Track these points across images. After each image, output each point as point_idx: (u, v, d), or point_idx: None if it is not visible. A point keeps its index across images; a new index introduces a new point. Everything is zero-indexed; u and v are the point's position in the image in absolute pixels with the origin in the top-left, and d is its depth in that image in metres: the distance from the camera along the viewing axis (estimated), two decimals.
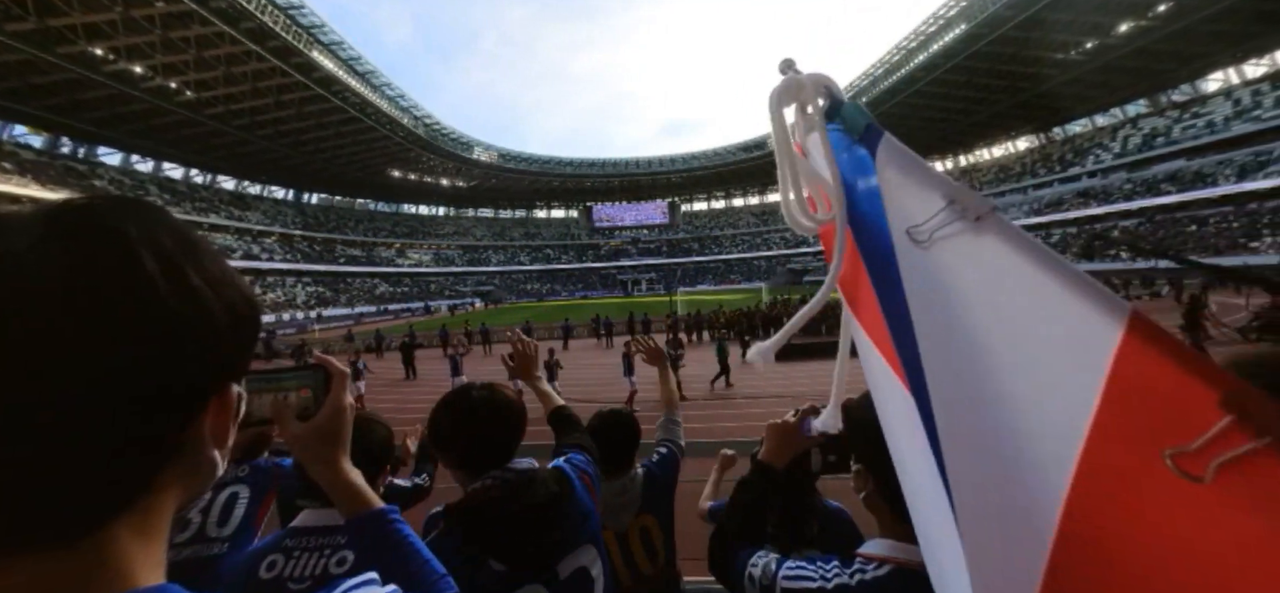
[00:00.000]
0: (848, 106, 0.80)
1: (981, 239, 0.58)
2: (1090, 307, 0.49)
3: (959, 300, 0.61)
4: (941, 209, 0.62)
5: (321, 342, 27.73)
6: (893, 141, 0.73)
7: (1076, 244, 46.33)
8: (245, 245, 54.02)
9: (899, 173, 0.70)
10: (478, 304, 63.63)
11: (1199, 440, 0.42)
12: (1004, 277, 0.56)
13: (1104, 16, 39.02)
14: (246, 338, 0.45)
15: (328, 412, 0.75)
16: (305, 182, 67.74)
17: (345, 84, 46.03)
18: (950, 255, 0.62)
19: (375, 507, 0.80)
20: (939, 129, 63.31)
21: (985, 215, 0.59)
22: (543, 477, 1.30)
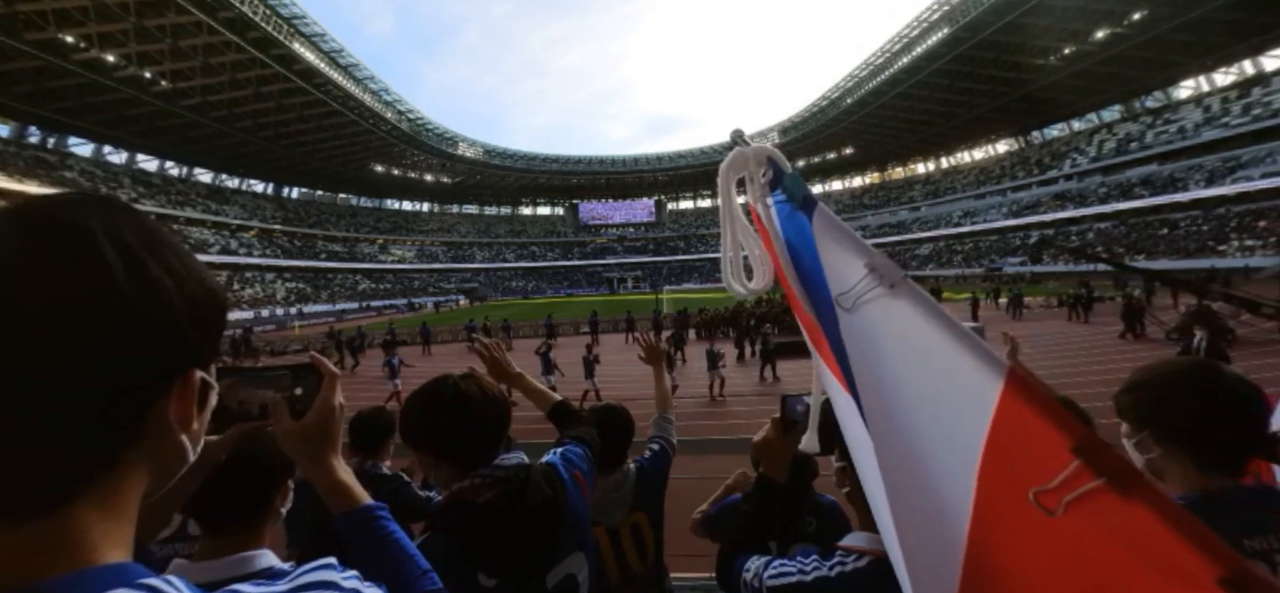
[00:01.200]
0: (788, 178, 0.89)
1: (895, 303, 0.69)
2: (978, 364, 0.59)
3: (878, 358, 0.72)
4: (864, 276, 0.72)
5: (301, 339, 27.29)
6: (825, 211, 0.83)
7: (1053, 245, 47.41)
8: (223, 240, 52.91)
9: (831, 240, 0.80)
10: (462, 301, 63.10)
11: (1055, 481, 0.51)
12: (912, 337, 0.66)
13: (1081, 23, 39.91)
14: (210, 329, 0.46)
15: (317, 411, 0.77)
16: (286, 176, 66.53)
17: (327, 77, 45.26)
18: (872, 317, 0.72)
19: (362, 503, 0.82)
20: (922, 131, 64.23)
21: (898, 283, 0.69)
22: (537, 476, 1.26)
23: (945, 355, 0.63)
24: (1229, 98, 42.87)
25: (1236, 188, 37.44)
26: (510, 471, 1.22)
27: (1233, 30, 38.05)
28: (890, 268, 0.72)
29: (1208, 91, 45.55)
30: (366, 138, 58.24)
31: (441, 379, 1.27)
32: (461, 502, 1.18)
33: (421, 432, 1.21)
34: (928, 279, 49.38)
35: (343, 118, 51.99)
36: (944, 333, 0.64)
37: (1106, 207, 45.87)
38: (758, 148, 0.92)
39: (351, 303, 56.86)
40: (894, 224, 70.75)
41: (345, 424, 0.89)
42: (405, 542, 0.84)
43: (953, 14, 42.63)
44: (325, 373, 0.78)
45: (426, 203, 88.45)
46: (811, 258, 0.84)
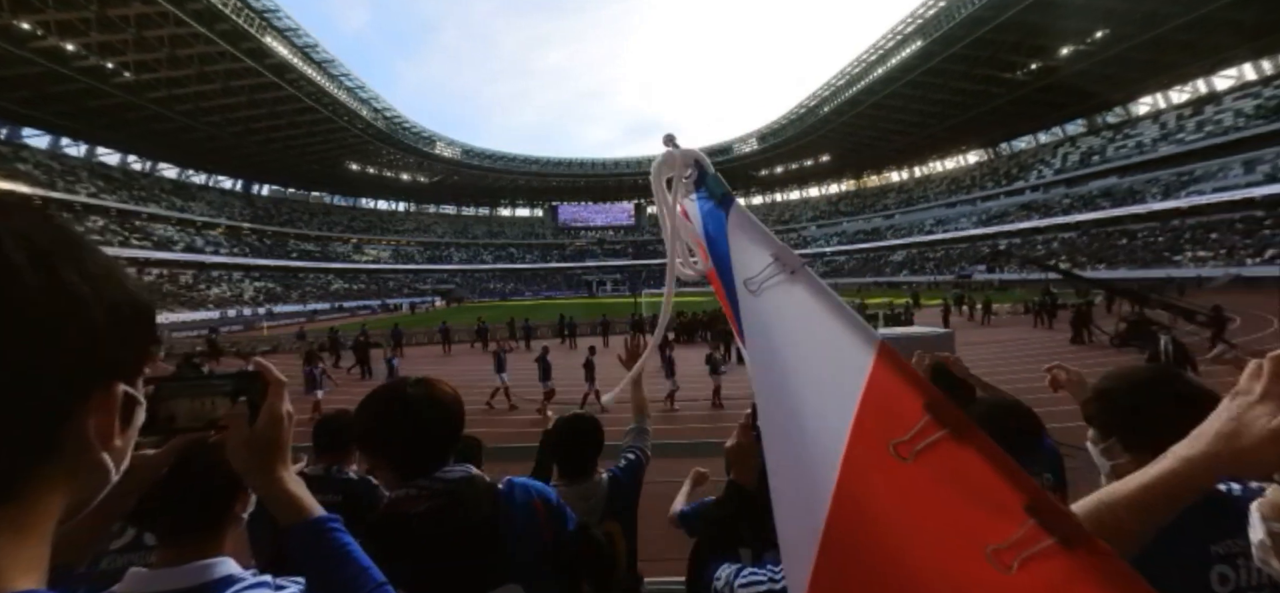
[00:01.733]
0: (709, 177, 0.98)
1: (794, 288, 0.79)
2: (856, 337, 0.70)
3: (776, 334, 0.81)
4: (769, 263, 0.83)
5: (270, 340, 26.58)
6: (740, 208, 0.92)
7: (1019, 254, 48.89)
8: (188, 237, 51.24)
9: (743, 233, 0.90)
10: (438, 303, 62.16)
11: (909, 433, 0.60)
12: (807, 316, 0.76)
13: (1047, 40, 41.32)
14: (133, 338, 0.44)
15: (265, 420, 0.74)
16: (255, 172, 64.74)
17: (300, 72, 44.22)
18: (774, 300, 0.82)
19: (314, 515, 0.78)
20: (896, 140, 65.63)
21: (798, 270, 0.80)
22: (477, 492, 1.20)
23: (830, 330, 0.73)
24: (1184, 115, 44.84)
25: (1190, 201, 39.16)
26: (451, 483, 1.17)
27: (1188, 51, 39.83)
28: (790, 257, 0.81)
29: (1164, 108, 47.58)
30: (341, 135, 57.05)
31: (396, 383, 1.26)
32: (396, 512, 1.15)
33: (367, 436, 1.21)
34: (901, 285, 50.44)
35: (316, 114, 50.82)
36: (829, 311, 0.74)
37: (1070, 217, 47.52)
38: (685, 150, 0.99)
39: (324, 303, 55.53)
40: (869, 231, 72.07)
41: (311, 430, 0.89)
42: (359, 554, 0.82)
43: (926, 27, 43.72)
44: (271, 380, 0.75)
45: (403, 202, 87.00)
46: (725, 249, 0.92)
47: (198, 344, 25.60)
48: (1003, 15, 38.13)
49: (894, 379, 0.65)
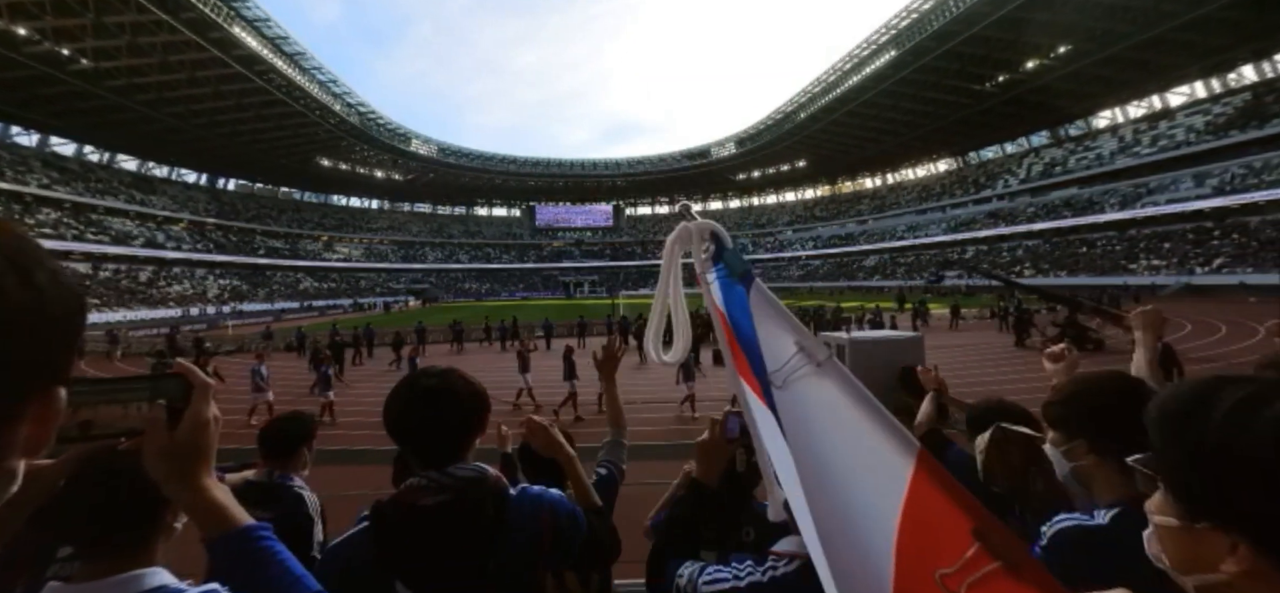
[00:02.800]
0: (728, 253, 0.95)
1: (824, 382, 0.77)
2: (893, 443, 0.68)
3: (812, 430, 0.79)
4: (794, 354, 0.81)
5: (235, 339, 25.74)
6: (760, 286, 0.91)
7: (986, 260, 50.38)
8: (148, 232, 49.37)
9: (766, 316, 0.88)
10: (413, 302, 61.09)
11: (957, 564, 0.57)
12: (840, 415, 0.74)
13: (1013, 54, 42.74)
14: (73, 340, 0.42)
15: (189, 426, 0.69)
16: (221, 166, 62.68)
17: (270, 64, 43.01)
18: (803, 393, 0.80)
19: (241, 524, 0.74)
20: (869, 148, 66.99)
21: (824, 362, 0.78)
22: (483, 494, 1.16)
23: (865, 433, 0.71)
24: (1140, 129, 46.87)
25: (1145, 212, 40.93)
26: (460, 480, 1.15)
27: (1144, 68, 41.66)
28: (816, 347, 0.80)
29: (1122, 123, 49.66)
30: (312, 130, 55.66)
31: (413, 374, 1.27)
32: (406, 501, 1.14)
33: (390, 426, 1.21)
34: (874, 289, 51.47)
35: (287, 108, 49.49)
36: (863, 412, 0.72)
37: (1034, 225, 49.19)
38: (701, 223, 0.96)
39: (292, 302, 54.06)
40: (843, 236, 73.39)
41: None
42: (292, 564, 0.77)
43: (899, 38, 44.78)
44: (196, 383, 0.70)
45: (376, 200, 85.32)
46: (750, 330, 0.90)
47: (157, 343, 24.66)
48: (971, 28, 39.31)
49: (937, 495, 0.63)
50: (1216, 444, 0.48)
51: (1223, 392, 0.50)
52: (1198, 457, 0.50)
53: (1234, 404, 0.48)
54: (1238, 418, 0.48)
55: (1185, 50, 38.88)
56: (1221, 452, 0.48)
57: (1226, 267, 32.70)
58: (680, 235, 0.97)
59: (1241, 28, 35.39)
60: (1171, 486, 0.54)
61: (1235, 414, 0.48)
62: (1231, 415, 0.48)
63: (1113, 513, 1.13)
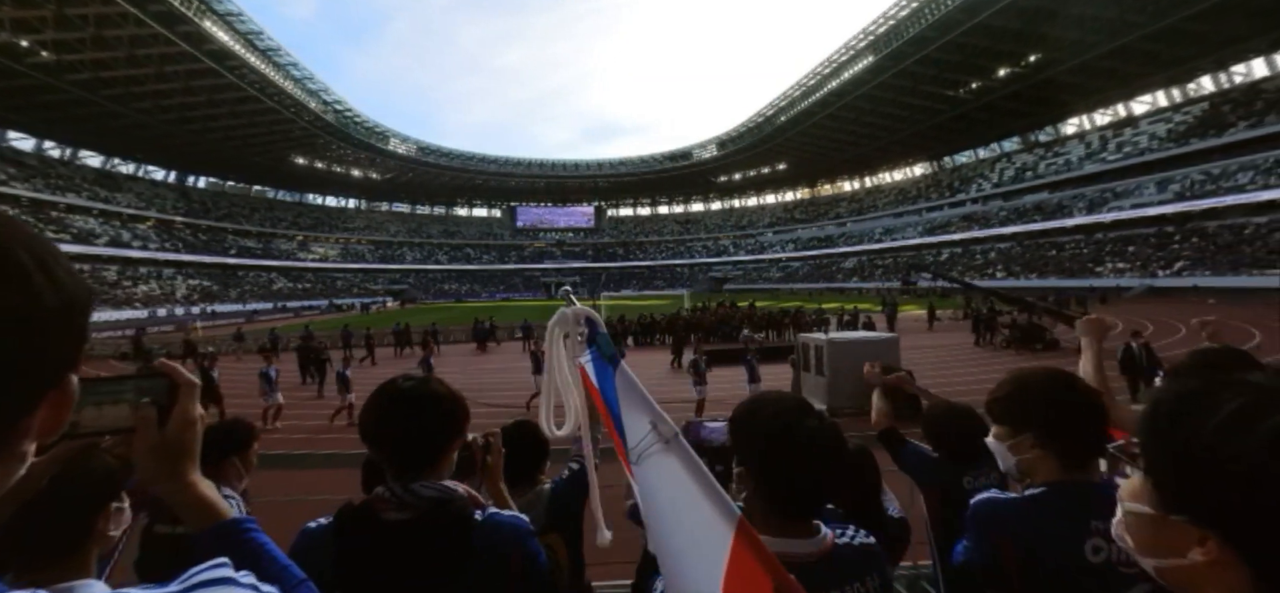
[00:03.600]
0: (600, 337, 1.05)
1: (669, 459, 0.89)
2: (718, 513, 0.81)
3: (658, 503, 0.92)
4: (648, 432, 0.92)
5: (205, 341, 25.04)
6: (624, 369, 1.00)
7: (960, 263, 51.54)
8: (113, 231, 47.75)
9: (626, 396, 0.98)
10: (391, 303, 60.17)
11: None
12: (679, 488, 0.87)
13: (986, 61, 43.83)
14: (84, 330, 0.44)
15: (176, 424, 0.71)
16: (191, 163, 60.95)
17: (242, 60, 41.99)
18: (653, 468, 0.92)
19: (229, 518, 0.77)
20: (848, 151, 68.02)
21: (671, 440, 0.90)
22: (450, 516, 1.13)
23: (698, 505, 0.83)
24: (1106, 136, 48.44)
25: (1110, 216, 42.29)
26: (423, 500, 1.12)
27: (1110, 77, 43.07)
28: (666, 426, 0.91)
29: (1089, 129, 51.26)
30: (287, 127, 54.49)
31: (391, 381, 1.24)
32: (369, 514, 1.12)
33: (364, 432, 1.19)
34: (850, 291, 52.24)
35: (260, 105, 48.36)
36: (698, 487, 0.83)
37: (1006, 229, 50.47)
38: (578, 308, 1.08)
39: (265, 303, 52.82)
40: (822, 238, 74.38)
41: None
42: (278, 553, 0.80)
43: (876, 44, 45.58)
44: (180, 381, 0.72)
45: (353, 199, 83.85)
46: (615, 408, 0.99)
47: (122, 346, 23.91)
48: (946, 35, 40.20)
49: (750, 561, 0.75)
50: (1207, 446, 0.50)
51: (1221, 396, 0.51)
52: (1187, 456, 0.52)
53: (1232, 411, 0.49)
54: (1233, 425, 0.49)
55: (1149, 60, 40.30)
56: (1211, 454, 0.49)
57: (1186, 270, 33.95)
58: (560, 319, 1.07)
59: (1202, 39, 36.81)
60: (1154, 477, 0.57)
61: (1231, 421, 0.49)
62: (1228, 422, 0.49)
63: (1036, 492, 1.24)
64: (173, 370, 0.72)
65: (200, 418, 0.74)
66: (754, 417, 1.13)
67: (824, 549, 1.06)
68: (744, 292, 57.95)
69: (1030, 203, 50.92)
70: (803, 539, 1.05)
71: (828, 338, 11.02)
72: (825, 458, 1.06)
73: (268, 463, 7.82)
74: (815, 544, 1.06)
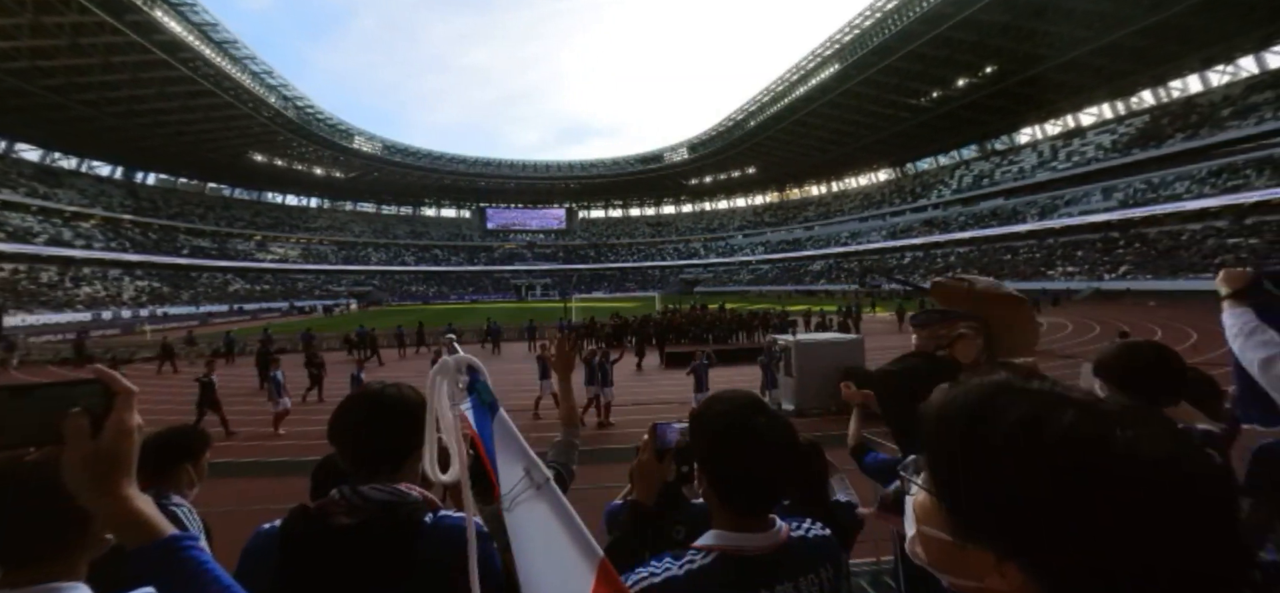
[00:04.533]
0: (480, 384, 1.07)
1: (539, 503, 0.94)
2: (584, 552, 0.88)
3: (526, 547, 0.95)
4: (521, 478, 0.96)
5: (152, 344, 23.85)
6: (503, 416, 1.03)
7: (922, 266, 53.21)
8: (53, 229, 45.10)
9: (502, 443, 1.02)
10: (353, 306, 58.50)
11: None
12: (546, 532, 0.92)
13: (945, 71, 45.45)
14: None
15: (112, 433, 0.67)
16: (140, 159, 58.04)
17: (196, 52, 40.28)
18: (526, 512, 0.96)
19: (165, 534, 0.71)
20: (816, 156, 69.50)
21: (543, 485, 0.94)
22: (398, 519, 1.12)
23: (567, 542, 0.89)
24: (1058, 145, 50.78)
25: (1061, 222, 44.34)
26: (373, 503, 1.10)
27: (1060, 89, 45.20)
28: (538, 472, 0.94)
29: (1041, 139, 53.66)
30: (244, 123, 52.49)
31: (365, 386, 1.26)
32: (318, 517, 1.10)
33: (334, 432, 1.19)
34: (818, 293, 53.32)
35: (215, 99, 46.44)
36: (564, 530, 0.90)
37: (965, 233, 52.37)
38: (460, 357, 1.08)
39: (220, 305, 50.70)
40: (791, 241, 75.72)
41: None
42: (221, 574, 0.74)
43: (842, 52, 46.76)
44: (118, 389, 0.68)
45: (315, 198, 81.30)
46: (492, 456, 1.03)
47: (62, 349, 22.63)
48: (908, 46, 41.54)
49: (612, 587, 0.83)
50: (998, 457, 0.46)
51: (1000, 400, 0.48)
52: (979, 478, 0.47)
53: (1020, 416, 0.46)
54: (1024, 433, 0.45)
55: (1095, 74, 42.47)
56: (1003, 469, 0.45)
57: (1130, 273, 35.87)
58: (442, 368, 1.06)
59: (1144, 55, 39.01)
60: (947, 501, 0.51)
61: (1021, 428, 0.45)
62: (1016, 429, 0.45)
63: None
64: (109, 377, 0.69)
65: (138, 427, 0.70)
66: (706, 415, 1.16)
67: (778, 543, 1.09)
68: (715, 294, 58.50)
69: (987, 209, 52.95)
70: (757, 533, 1.08)
71: (795, 340, 11.23)
72: (776, 453, 1.09)
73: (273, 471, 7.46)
74: (769, 538, 1.09)
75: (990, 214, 51.93)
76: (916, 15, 38.94)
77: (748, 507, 1.10)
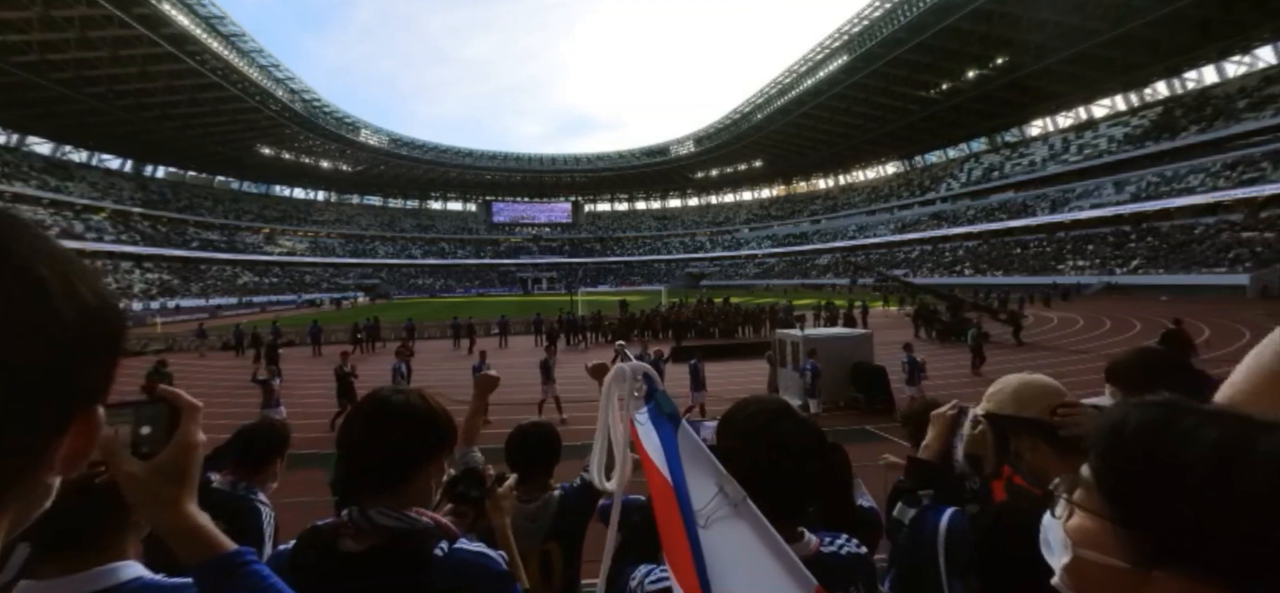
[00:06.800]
0: (659, 395, 1.03)
1: (739, 523, 0.88)
2: (796, 578, 0.81)
3: (728, 570, 0.88)
4: (715, 494, 0.91)
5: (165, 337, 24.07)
6: (687, 428, 0.98)
7: (929, 261, 52.82)
8: (64, 222, 45.55)
9: (690, 457, 0.96)
10: (361, 298, 58.84)
11: None
12: (751, 554, 0.86)
13: (955, 63, 44.93)
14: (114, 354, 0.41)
15: (176, 448, 0.67)
16: (149, 152, 58.49)
17: (204, 45, 40.44)
18: (722, 532, 0.90)
19: (226, 550, 0.72)
20: (822, 150, 69.04)
21: (740, 503, 0.89)
22: (407, 549, 1.04)
23: (770, 573, 0.83)
24: (1068, 138, 50.18)
25: (1071, 216, 43.86)
26: (382, 530, 1.03)
27: (1072, 80, 44.57)
28: (734, 489, 0.89)
29: (1052, 131, 53.02)
30: (252, 116, 52.71)
31: (375, 391, 1.17)
32: (327, 539, 1.05)
33: (343, 444, 1.11)
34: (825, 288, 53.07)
35: (223, 92, 46.64)
36: (770, 552, 0.84)
37: (974, 227, 51.89)
38: (635, 365, 1.04)
39: (229, 298, 51.09)
40: (798, 234, 75.36)
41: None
42: (281, 587, 0.75)
43: (850, 44, 46.30)
44: (183, 405, 0.69)
45: (322, 191, 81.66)
46: (676, 470, 0.97)
47: None
48: (918, 37, 41.06)
49: None
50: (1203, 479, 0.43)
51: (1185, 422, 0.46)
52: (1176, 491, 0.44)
53: (1219, 439, 0.44)
54: (1228, 457, 0.43)
55: (1107, 66, 41.85)
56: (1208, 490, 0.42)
57: (1141, 268, 35.44)
58: (616, 375, 1.03)
59: (1157, 46, 38.38)
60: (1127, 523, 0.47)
61: (1225, 451, 0.43)
62: (1221, 453, 0.43)
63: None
64: (175, 396, 0.69)
65: (202, 444, 0.71)
66: (733, 418, 1.13)
67: (807, 556, 1.05)
68: (720, 288, 58.39)
69: (996, 202, 52.43)
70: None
71: (804, 334, 11.17)
72: (801, 461, 1.05)
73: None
74: (799, 551, 1.04)
75: (999, 208, 51.42)
76: (926, 6, 38.48)
77: (774, 515, 1.07)
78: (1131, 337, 17.75)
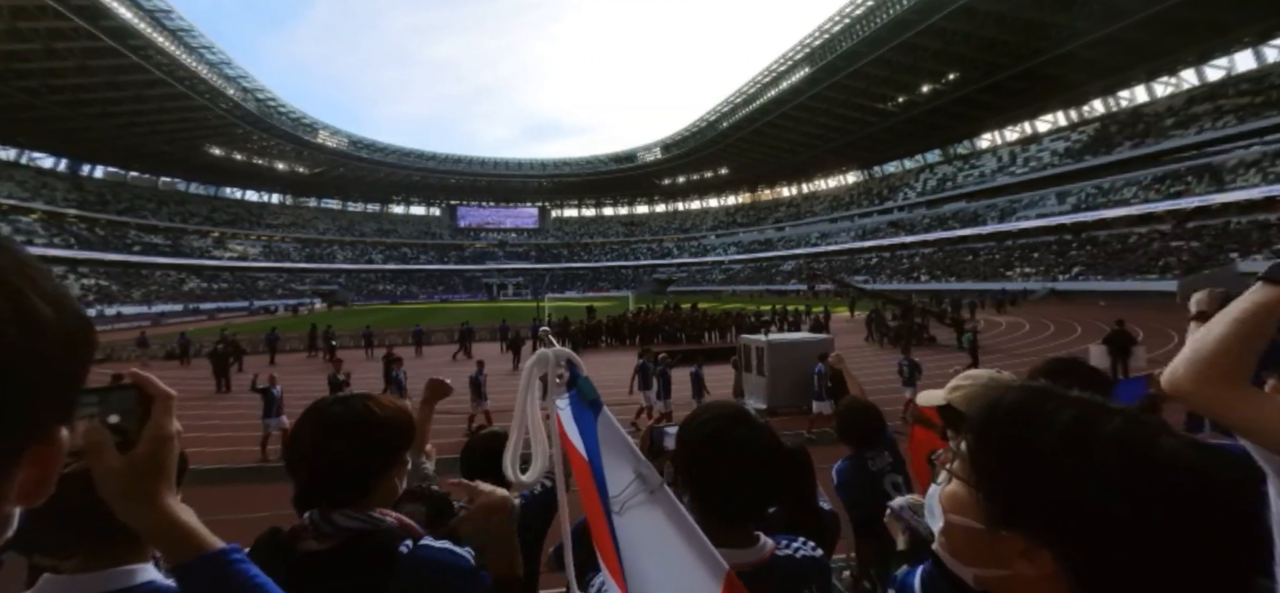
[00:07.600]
0: (582, 381, 1.02)
1: (654, 509, 0.88)
2: (707, 562, 0.81)
3: (641, 554, 0.90)
4: (632, 481, 0.90)
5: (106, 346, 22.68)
6: (607, 415, 0.98)
7: (888, 267, 54.60)
8: None
9: (610, 445, 0.95)
10: (318, 305, 56.78)
11: None
12: (665, 539, 0.86)
13: (910, 78, 46.74)
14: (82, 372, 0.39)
15: (150, 441, 0.62)
16: (87, 151, 55.14)
17: (148, 40, 38.47)
18: (637, 519, 0.90)
19: (212, 548, 0.67)
20: (786, 158, 70.56)
21: (657, 490, 0.88)
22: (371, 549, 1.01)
23: (687, 554, 0.83)
24: (1015, 151, 52.78)
25: (1018, 225, 46.12)
26: (346, 532, 1.01)
27: (1017, 96, 46.98)
28: (652, 476, 0.89)
29: (1000, 144, 55.67)
30: (200, 115, 50.37)
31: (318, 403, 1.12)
32: (289, 543, 1.03)
33: (291, 456, 1.08)
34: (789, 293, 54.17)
35: (169, 89, 44.44)
36: (683, 537, 0.83)
37: (929, 235, 53.95)
38: (558, 351, 1.04)
39: (174, 304, 48.56)
40: (762, 241, 76.70)
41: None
42: (271, 587, 0.72)
43: (812, 56, 47.59)
44: (155, 394, 0.64)
45: (277, 194, 78.57)
46: (595, 456, 0.97)
47: None
48: (876, 51, 42.54)
49: None
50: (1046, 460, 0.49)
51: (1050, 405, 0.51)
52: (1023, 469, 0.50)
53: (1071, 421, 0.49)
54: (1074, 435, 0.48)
55: (1051, 83, 44.28)
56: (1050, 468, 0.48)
57: (1082, 274, 37.54)
58: (539, 360, 1.02)
59: (1094, 66, 40.84)
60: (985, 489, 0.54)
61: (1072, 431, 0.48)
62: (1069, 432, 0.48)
63: None
64: (146, 381, 0.65)
65: (177, 434, 0.66)
66: (689, 424, 1.15)
67: (762, 559, 1.06)
68: (687, 294, 58.81)
69: (950, 211, 54.65)
70: (740, 548, 1.05)
71: (768, 339, 11.39)
72: (756, 465, 1.06)
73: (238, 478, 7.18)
74: (753, 553, 1.06)
75: (953, 216, 53.61)
76: (884, 22, 39.92)
77: (728, 519, 1.08)
78: (1074, 340, 18.73)
